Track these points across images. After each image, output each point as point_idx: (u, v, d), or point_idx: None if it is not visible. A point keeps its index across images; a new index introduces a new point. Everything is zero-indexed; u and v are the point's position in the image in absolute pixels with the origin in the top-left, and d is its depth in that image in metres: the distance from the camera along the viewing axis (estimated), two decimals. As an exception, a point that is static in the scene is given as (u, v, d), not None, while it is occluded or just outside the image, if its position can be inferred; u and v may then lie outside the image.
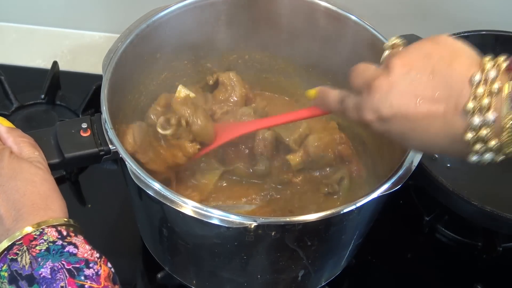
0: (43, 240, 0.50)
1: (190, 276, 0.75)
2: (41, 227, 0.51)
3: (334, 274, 0.77)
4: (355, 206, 0.58)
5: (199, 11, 0.77)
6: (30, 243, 0.50)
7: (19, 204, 0.53)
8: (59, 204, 0.55)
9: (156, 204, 0.59)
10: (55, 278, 0.48)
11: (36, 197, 0.54)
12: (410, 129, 0.49)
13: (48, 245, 0.50)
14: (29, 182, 0.55)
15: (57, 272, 0.48)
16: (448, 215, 0.86)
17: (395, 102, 0.49)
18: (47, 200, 0.54)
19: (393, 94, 0.49)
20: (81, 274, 0.49)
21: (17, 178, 0.54)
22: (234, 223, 0.56)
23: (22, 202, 0.53)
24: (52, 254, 0.49)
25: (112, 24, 1.08)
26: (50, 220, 0.52)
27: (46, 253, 0.49)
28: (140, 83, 0.78)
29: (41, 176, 0.56)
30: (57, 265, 0.48)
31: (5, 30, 1.12)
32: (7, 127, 0.61)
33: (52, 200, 0.55)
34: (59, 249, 0.50)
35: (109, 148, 0.62)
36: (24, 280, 0.48)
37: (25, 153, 0.58)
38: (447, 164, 0.87)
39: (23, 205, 0.53)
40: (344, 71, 0.81)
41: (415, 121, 0.49)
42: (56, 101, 0.98)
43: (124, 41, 0.70)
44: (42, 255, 0.49)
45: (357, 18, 0.76)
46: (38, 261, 0.49)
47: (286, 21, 0.81)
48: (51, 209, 0.54)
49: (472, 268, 0.85)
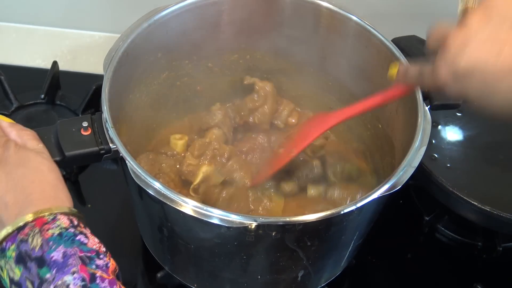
0: (55, 225, 0.50)
1: (190, 276, 0.75)
2: (54, 212, 0.51)
3: (334, 275, 0.77)
4: (355, 207, 0.58)
5: (200, 11, 0.77)
6: (43, 226, 0.50)
7: (28, 190, 0.53)
8: (66, 194, 0.55)
9: (157, 203, 0.59)
10: (67, 263, 0.48)
11: (45, 185, 0.54)
12: (490, 84, 0.45)
13: (60, 230, 0.50)
14: (37, 171, 0.55)
15: (69, 257, 0.48)
16: (448, 215, 0.86)
17: (472, 54, 0.45)
18: (56, 189, 0.54)
19: (470, 46, 0.45)
20: (93, 263, 0.49)
21: (25, 166, 0.54)
22: (234, 222, 0.56)
23: (32, 188, 0.53)
24: (64, 240, 0.49)
25: (112, 24, 1.08)
26: (62, 207, 0.52)
27: (58, 237, 0.49)
28: (141, 82, 0.78)
29: (48, 166, 0.56)
30: (70, 250, 0.48)
31: (5, 30, 1.12)
32: (9, 122, 0.61)
33: (59, 190, 0.55)
34: (71, 236, 0.50)
35: (109, 147, 0.62)
36: (33, 262, 0.48)
37: (29, 144, 0.58)
38: (447, 164, 0.87)
39: (32, 191, 0.53)
40: (345, 71, 0.82)
41: (496, 74, 0.44)
42: (56, 101, 0.98)
43: (125, 40, 0.70)
44: (54, 239, 0.49)
45: (357, 18, 0.76)
46: (49, 245, 0.48)
47: (287, 21, 0.81)
48: (60, 198, 0.54)
49: (472, 268, 0.86)
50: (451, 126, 0.93)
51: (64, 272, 0.47)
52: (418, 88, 0.63)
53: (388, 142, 0.77)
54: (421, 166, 0.63)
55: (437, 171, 0.79)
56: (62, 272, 0.47)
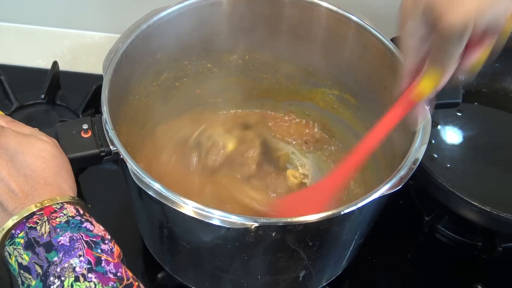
0: (62, 213, 0.51)
1: (190, 276, 0.75)
2: (60, 201, 0.52)
3: (335, 275, 0.77)
4: (356, 207, 0.58)
5: (199, 12, 0.77)
6: (51, 215, 0.50)
7: (32, 180, 0.53)
8: (70, 184, 0.55)
9: (157, 204, 0.59)
10: (74, 246, 0.49)
11: (47, 174, 0.54)
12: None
13: (67, 218, 0.51)
14: (39, 158, 0.54)
15: (75, 241, 0.49)
16: (448, 215, 0.86)
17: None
18: (58, 178, 0.54)
19: None
20: (98, 247, 0.50)
21: (26, 153, 0.54)
22: (235, 223, 0.56)
23: (34, 178, 0.53)
24: (71, 227, 0.50)
25: (112, 24, 1.08)
26: (67, 197, 0.53)
27: (65, 225, 0.50)
28: (141, 83, 0.78)
29: (49, 151, 0.56)
30: (76, 235, 0.49)
31: (5, 30, 1.12)
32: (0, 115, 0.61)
33: (62, 178, 0.55)
34: (77, 223, 0.51)
35: (110, 149, 0.62)
36: (41, 247, 0.49)
37: (26, 130, 0.58)
38: (447, 164, 0.87)
39: (35, 181, 0.53)
40: (345, 72, 0.82)
41: None
42: (56, 101, 0.98)
43: (125, 41, 0.70)
44: (61, 226, 0.50)
45: (358, 18, 0.76)
46: (57, 232, 0.49)
47: (287, 21, 0.81)
48: (62, 188, 0.54)
49: (472, 268, 0.86)
50: (451, 126, 0.93)
51: (71, 255, 0.48)
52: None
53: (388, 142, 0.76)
54: (421, 166, 0.63)
55: (437, 171, 0.79)
56: (69, 255, 0.48)
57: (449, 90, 0.71)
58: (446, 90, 0.62)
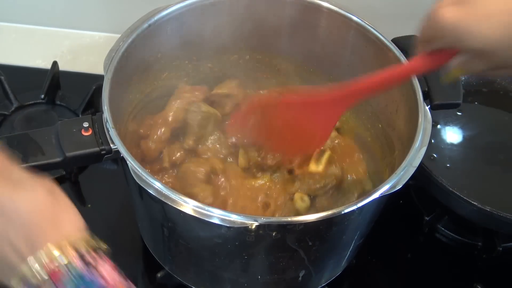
0: (67, 273, 0.46)
1: (190, 276, 0.75)
2: (60, 251, 0.46)
3: (335, 274, 0.77)
4: (356, 207, 0.58)
5: (200, 11, 0.77)
6: (58, 281, 0.45)
7: (28, 228, 0.46)
8: (70, 219, 0.49)
9: (157, 203, 0.59)
10: None
11: (41, 219, 0.47)
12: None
13: (74, 280, 0.45)
14: (32, 200, 0.47)
15: None
16: (448, 215, 0.87)
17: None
18: (55, 219, 0.48)
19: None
20: None
21: (15, 200, 0.47)
22: (235, 222, 0.56)
23: (30, 227, 0.46)
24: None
25: (112, 24, 1.08)
26: (69, 241, 0.47)
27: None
28: (141, 82, 0.78)
29: (42, 188, 0.49)
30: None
31: (5, 30, 1.12)
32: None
33: (61, 217, 0.48)
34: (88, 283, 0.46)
35: (110, 148, 0.62)
36: None
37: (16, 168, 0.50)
38: (447, 164, 0.87)
39: (32, 229, 0.46)
40: (345, 72, 0.82)
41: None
42: (56, 101, 0.98)
43: (126, 40, 0.70)
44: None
45: (358, 18, 0.76)
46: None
47: (287, 21, 0.81)
48: (64, 228, 0.48)
49: (472, 268, 0.86)
50: (451, 126, 0.93)
51: None
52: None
53: (388, 142, 0.77)
54: (421, 166, 0.63)
55: (437, 171, 0.79)
56: None
57: (449, 90, 0.71)
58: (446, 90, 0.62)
